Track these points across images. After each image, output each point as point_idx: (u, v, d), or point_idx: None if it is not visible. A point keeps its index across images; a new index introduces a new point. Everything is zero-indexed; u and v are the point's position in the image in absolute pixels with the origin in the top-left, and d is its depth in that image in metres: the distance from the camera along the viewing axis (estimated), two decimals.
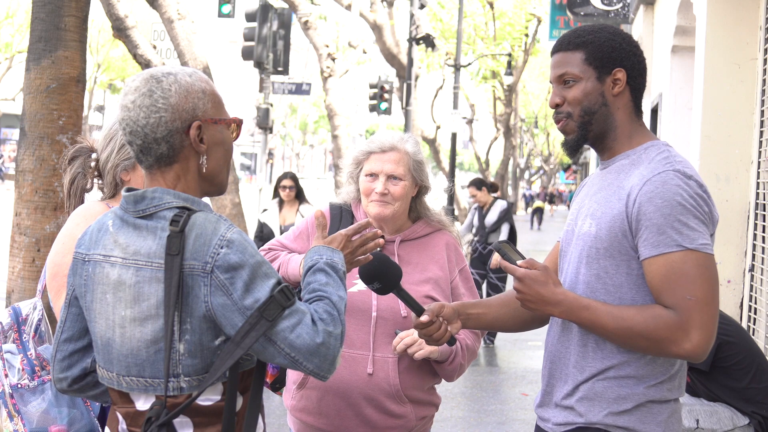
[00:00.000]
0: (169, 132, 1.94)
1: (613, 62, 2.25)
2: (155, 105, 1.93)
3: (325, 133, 67.97)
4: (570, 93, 2.26)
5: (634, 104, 2.30)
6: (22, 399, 2.66)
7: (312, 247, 2.17)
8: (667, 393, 2.21)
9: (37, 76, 4.89)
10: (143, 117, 1.93)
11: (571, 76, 2.26)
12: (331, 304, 1.96)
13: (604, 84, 2.25)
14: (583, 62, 2.26)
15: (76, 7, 4.94)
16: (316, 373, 1.90)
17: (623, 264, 2.18)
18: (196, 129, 1.96)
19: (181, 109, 1.94)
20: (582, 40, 2.27)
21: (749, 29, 5.59)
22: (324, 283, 2.01)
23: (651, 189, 2.12)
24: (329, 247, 2.15)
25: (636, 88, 2.29)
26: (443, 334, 2.41)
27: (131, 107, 1.94)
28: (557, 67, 2.29)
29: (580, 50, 2.26)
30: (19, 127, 5.05)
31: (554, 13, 17.68)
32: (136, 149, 1.97)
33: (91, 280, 2.00)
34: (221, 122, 2.01)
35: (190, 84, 1.97)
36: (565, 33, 2.35)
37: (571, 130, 2.28)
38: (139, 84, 1.96)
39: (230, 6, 15.63)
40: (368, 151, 2.92)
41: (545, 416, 2.34)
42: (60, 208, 4.99)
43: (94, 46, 37.74)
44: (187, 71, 2.00)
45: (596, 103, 2.25)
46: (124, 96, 1.97)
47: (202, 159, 1.98)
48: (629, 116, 2.29)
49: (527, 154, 53.14)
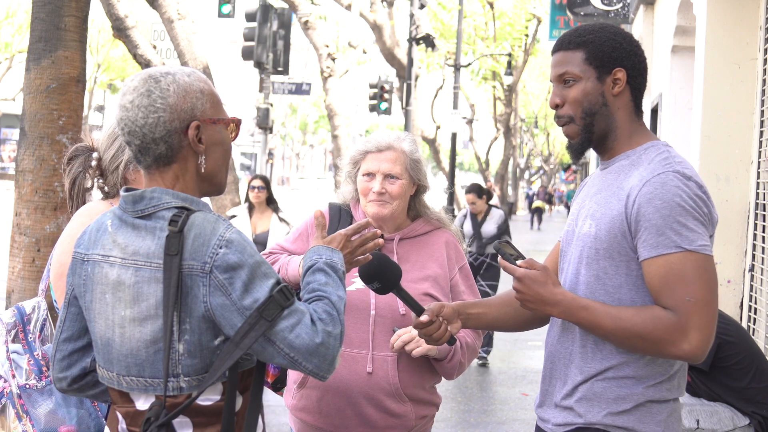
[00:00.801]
0: (167, 132, 1.93)
1: (613, 62, 2.24)
2: (153, 105, 1.93)
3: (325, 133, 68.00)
4: (570, 93, 2.26)
5: (635, 104, 2.29)
6: (30, 399, 2.65)
7: (311, 247, 2.16)
8: (667, 393, 2.21)
9: (37, 76, 4.89)
10: (141, 117, 1.93)
11: (572, 76, 2.26)
12: (331, 304, 1.96)
13: (605, 84, 2.25)
14: (583, 62, 2.25)
15: (76, 7, 4.94)
16: (316, 373, 1.90)
17: (622, 265, 2.18)
18: (195, 129, 1.95)
19: (179, 109, 1.94)
20: (582, 39, 2.26)
21: (749, 29, 5.59)
22: (323, 282, 2.01)
23: (650, 190, 2.12)
24: (328, 247, 2.15)
25: (636, 88, 2.28)
26: (443, 333, 2.41)
27: (129, 107, 1.94)
28: (557, 66, 2.29)
29: (581, 49, 2.26)
30: (19, 127, 5.05)
31: (554, 13, 17.69)
32: (135, 149, 1.96)
33: (90, 280, 2.00)
34: (220, 122, 2.01)
35: (188, 84, 1.96)
36: (566, 32, 2.35)
37: (575, 134, 2.27)
38: (137, 84, 1.95)
39: (230, 6, 15.63)
40: (365, 150, 2.92)
41: (545, 417, 2.34)
42: (60, 208, 4.99)
43: (94, 46, 37.74)
44: (186, 71, 1.99)
45: (596, 103, 2.25)
46: (123, 96, 1.96)
47: (200, 159, 1.98)
48: (629, 116, 2.28)
49: (527, 154, 53.15)
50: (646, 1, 9.18)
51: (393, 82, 22.57)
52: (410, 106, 20.46)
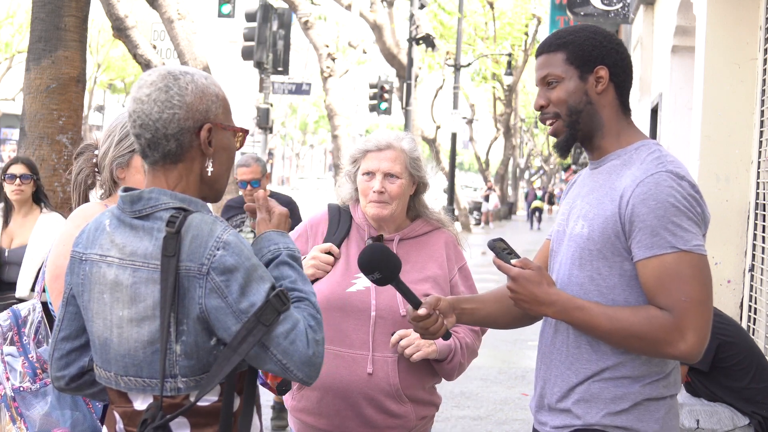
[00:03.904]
0: (180, 130, 1.94)
1: (594, 60, 2.25)
2: (170, 101, 1.93)
3: (325, 133, 68.00)
4: (553, 94, 2.27)
5: (620, 102, 2.29)
6: (24, 402, 2.65)
7: (264, 233, 2.06)
8: (663, 390, 2.21)
9: (37, 76, 4.89)
10: (157, 111, 1.93)
11: (554, 77, 2.27)
12: (311, 305, 1.95)
13: (587, 82, 2.25)
14: (564, 62, 2.26)
15: (76, 7, 4.95)
16: (305, 381, 1.91)
17: (616, 265, 2.18)
18: (207, 131, 1.96)
19: (194, 109, 1.95)
20: (562, 40, 2.28)
21: (749, 29, 5.59)
22: (293, 279, 1.98)
23: (644, 190, 2.12)
24: (280, 232, 2.07)
25: (621, 86, 2.28)
26: (439, 327, 2.39)
27: (145, 100, 1.94)
28: (540, 69, 2.31)
29: (561, 51, 2.27)
30: (19, 127, 5.06)
31: (554, 13, 17.68)
32: (144, 143, 1.96)
33: (88, 280, 2.00)
34: (230, 129, 2.02)
35: (205, 86, 1.98)
36: (547, 36, 2.36)
37: (560, 131, 2.28)
38: (155, 78, 1.96)
39: (230, 6, 15.63)
40: (365, 149, 2.92)
41: (543, 420, 2.34)
42: (60, 208, 4.99)
43: (94, 46, 37.74)
44: (203, 74, 2.01)
45: (580, 101, 2.25)
46: (138, 89, 1.96)
47: (208, 162, 1.98)
48: (616, 114, 2.28)
49: (527, 154, 53.15)
50: (646, 1, 9.17)
51: (393, 82, 22.58)
52: (410, 106, 20.47)
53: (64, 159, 4.97)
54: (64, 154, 4.93)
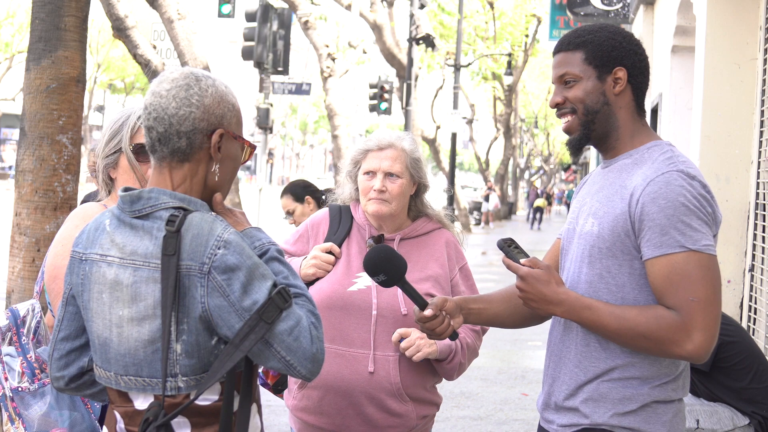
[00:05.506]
0: (193, 129, 1.95)
1: (613, 61, 2.24)
2: (189, 99, 1.95)
3: (325, 133, 67.99)
4: (571, 93, 2.26)
5: (636, 103, 2.29)
6: (23, 402, 2.65)
7: (245, 230, 2.03)
8: (672, 393, 2.21)
9: (37, 76, 4.88)
10: (174, 107, 1.94)
11: (572, 76, 2.26)
12: (308, 300, 1.96)
13: (605, 83, 2.25)
14: (583, 62, 2.25)
15: (76, 7, 4.94)
16: (307, 377, 1.92)
17: (626, 264, 2.17)
18: (219, 136, 1.98)
19: (211, 112, 1.96)
20: (582, 39, 2.27)
21: (749, 29, 5.59)
22: (286, 275, 1.98)
23: (655, 189, 2.11)
24: (257, 228, 2.06)
25: (638, 87, 2.28)
26: (446, 328, 2.39)
27: (164, 95, 1.96)
28: (558, 67, 2.29)
29: (580, 50, 2.26)
30: (19, 127, 5.05)
31: (554, 13, 17.69)
32: (155, 136, 1.97)
33: (88, 280, 2.00)
34: (240, 140, 2.04)
35: (224, 93, 2.00)
36: (566, 33, 2.35)
37: (575, 128, 2.27)
38: (177, 76, 1.98)
39: (230, 6, 15.63)
40: (365, 149, 2.92)
41: (549, 418, 2.33)
42: (60, 208, 4.98)
43: (94, 46, 37.77)
44: (224, 82, 2.04)
45: (597, 102, 2.24)
46: (159, 84, 1.98)
47: (215, 167, 1.99)
48: (631, 115, 2.28)
49: (527, 154, 53.15)
50: (646, 1, 9.18)
51: (393, 82, 22.57)
52: (410, 106, 20.46)
53: (64, 159, 4.96)
54: (64, 154, 4.92)
